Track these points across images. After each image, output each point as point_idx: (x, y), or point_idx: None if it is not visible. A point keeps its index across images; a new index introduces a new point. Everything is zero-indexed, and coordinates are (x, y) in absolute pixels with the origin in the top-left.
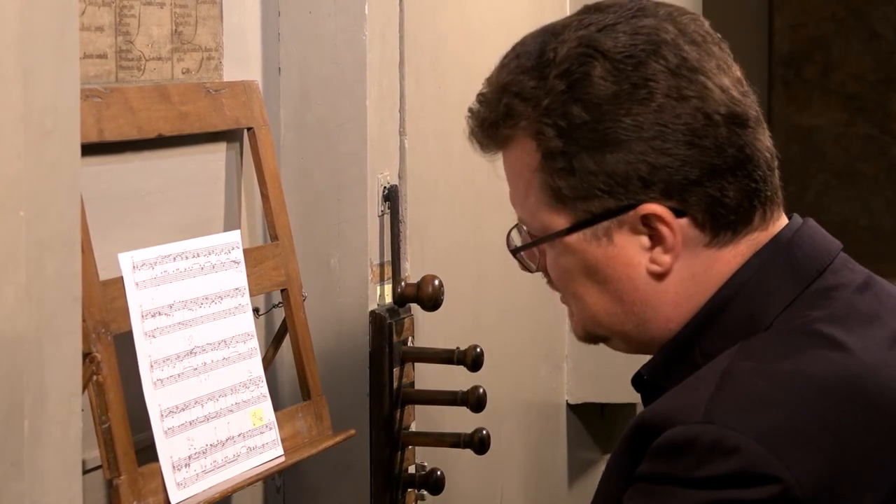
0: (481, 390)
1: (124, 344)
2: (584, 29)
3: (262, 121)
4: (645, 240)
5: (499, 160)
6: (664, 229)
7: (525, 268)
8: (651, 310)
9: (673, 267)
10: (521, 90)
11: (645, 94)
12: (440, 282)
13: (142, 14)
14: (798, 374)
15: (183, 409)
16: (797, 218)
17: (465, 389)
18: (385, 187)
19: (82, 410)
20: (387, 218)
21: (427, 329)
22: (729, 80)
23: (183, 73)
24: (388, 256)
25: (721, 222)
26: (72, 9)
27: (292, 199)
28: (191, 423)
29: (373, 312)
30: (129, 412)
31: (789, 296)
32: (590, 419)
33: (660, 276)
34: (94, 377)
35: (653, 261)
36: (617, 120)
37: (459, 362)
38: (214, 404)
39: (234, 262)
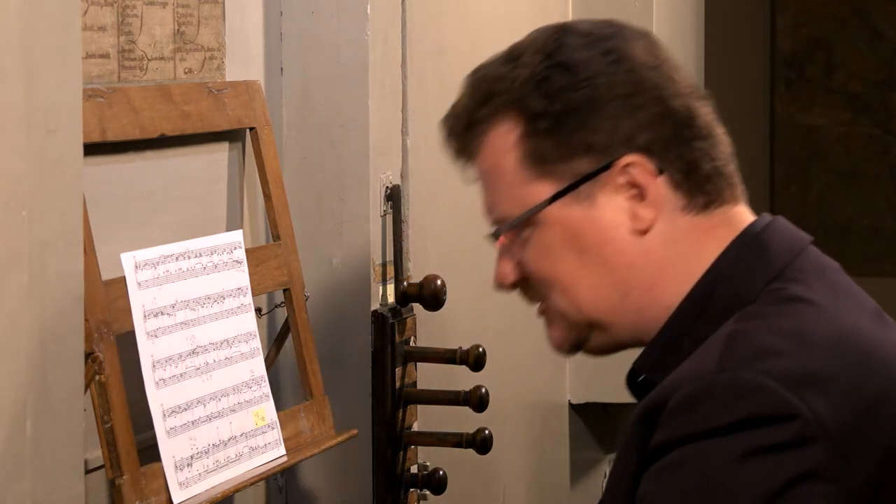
0: (483, 390)
1: (127, 344)
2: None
3: (265, 121)
4: (626, 198)
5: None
6: (645, 179)
7: (501, 277)
8: (637, 273)
9: (655, 223)
10: (497, 75)
11: (616, 57)
12: (442, 281)
13: (144, 14)
14: (801, 331)
15: (185, 409)
16: (766, 215)
17: (467, 389)
18: (387, 187)
19: (84, 410)
20: (389, 218)
21: (429, 329)
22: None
23: (185, 72)
24: (390, 256)
25: (695, 184)
26: (74, 8)
27: (294, 199)
28: (193, 423)
29: (375, 312)
30: (131, 412)
31: (771, 273)
32: (592, 419)
33: (643, 233)
34: (97, 377)
35: (635, 217)
36: (593, 79)
37: (462, 362)
38: (217, 404)
39: (236, 261)
